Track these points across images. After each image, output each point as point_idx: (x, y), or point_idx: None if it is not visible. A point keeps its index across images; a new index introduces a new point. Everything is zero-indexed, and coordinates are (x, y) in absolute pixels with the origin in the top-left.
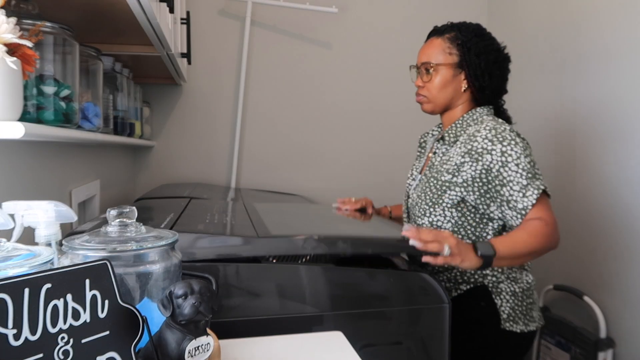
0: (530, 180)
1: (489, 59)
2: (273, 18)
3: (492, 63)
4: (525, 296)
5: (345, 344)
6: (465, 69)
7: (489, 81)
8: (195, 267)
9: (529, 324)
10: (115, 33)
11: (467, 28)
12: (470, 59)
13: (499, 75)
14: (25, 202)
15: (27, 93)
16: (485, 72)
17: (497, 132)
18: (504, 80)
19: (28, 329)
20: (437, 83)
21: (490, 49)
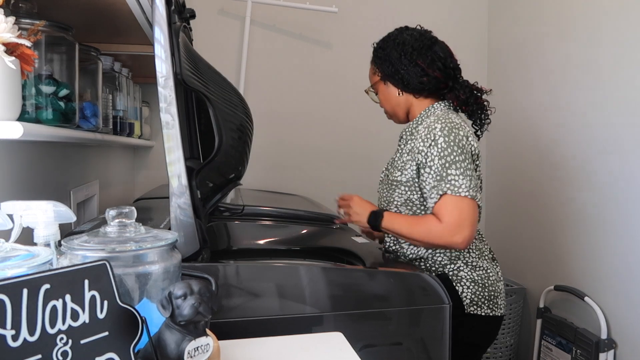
0: (437, 182)
1: (397, 59)
2: (273, 18)
3: (401, 61)
4: (487, 284)
5: (345, 344)
6: (387, 78)
7: (408, 76)
8: (195, 267)
9: (494, 309)
10: (115, 33)
11: (380, 43)
12: (384, 69)
13: (414, 67)
14: (24, 202)
15: (26, 93)
16: (401, 72)
17: (429, 131)
18: (424, 67)
19: (26, 330)
20: (382, 99)
21: (396, 47)
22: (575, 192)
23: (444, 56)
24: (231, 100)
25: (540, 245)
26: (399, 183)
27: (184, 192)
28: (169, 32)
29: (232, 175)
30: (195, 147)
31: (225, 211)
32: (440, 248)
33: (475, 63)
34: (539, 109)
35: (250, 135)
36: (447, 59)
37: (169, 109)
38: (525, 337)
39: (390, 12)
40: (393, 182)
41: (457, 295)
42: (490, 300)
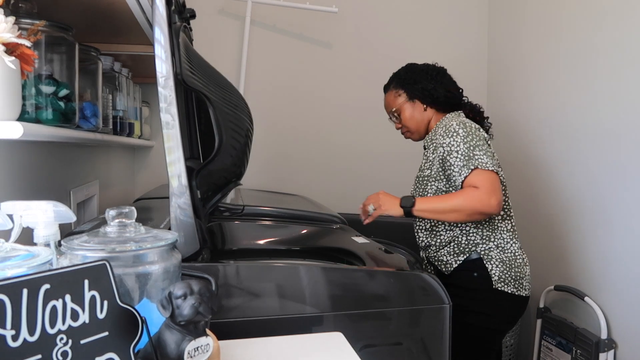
0: (466, 162)
1: (425, 79)
2: (273, 18)
3: (429, 81)
4: (514, 265)
5: (345, 344)
6: (415, 96)
7: (436, 93)
8: (195, 267)
9: (520, 290)
10: (115, 32)
11: (400, 72)
12: (412, 88)
13: (440, 84)
14: (24, 202)
15: (26, 93)
16: (428, 89)
17: (447, 129)
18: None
19: (26, 330)
20: (407, 118)
21: (422, 73)
22: (575, 193)
23: (454, 81)
24: (231, 100)
25: (540, 245)
26: (429, 177)
27: (184, 192)
28: (169, 32)
29: (232, 175)
30: (195, 147)
31: (225, 211)
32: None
33: (476, 63)
34: (538, 110)
35: (250, 135)
36: (456, 83)
37: (169, 109)
38: (525, 337)
39: (390, 12)
40: (424, 178)
41: (487, 272)
42: (517, 280)
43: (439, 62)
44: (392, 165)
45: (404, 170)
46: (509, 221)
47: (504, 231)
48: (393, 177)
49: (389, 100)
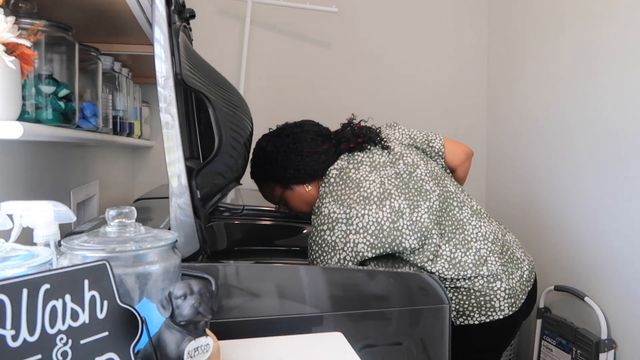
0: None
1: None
2: (273, 18)
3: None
4: (474, 287)
5: (345, 344)
6: (291, 183)
7: (308, 166)
8: (195, 267)
9: (492, 314)
10: (115, 32)
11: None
12: (281, 179)
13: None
14: (24, 202)
15: (26, 93)
16: (298, 167)
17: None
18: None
19: (26, 330)
20: (296, 205)
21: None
22: (576, 192)
23: (317, 128)
24: (231, 100)
25: (540, 245)
26: None
27: (184, 192)
28: (169, 32)
29: (232, 175)
30: (195, 147)
31: (225, 211)
32: None
33: (476, 63)
34: (538, 110)
35: (250, 135)
36: (319, 127)
37: (169, 109)
38: (525, 337)
39: (390, 13)
40: None
41: None
42: (482, 306)
43: (439, 61)
44: None
45: None
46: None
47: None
48: None
49: (266, 193)
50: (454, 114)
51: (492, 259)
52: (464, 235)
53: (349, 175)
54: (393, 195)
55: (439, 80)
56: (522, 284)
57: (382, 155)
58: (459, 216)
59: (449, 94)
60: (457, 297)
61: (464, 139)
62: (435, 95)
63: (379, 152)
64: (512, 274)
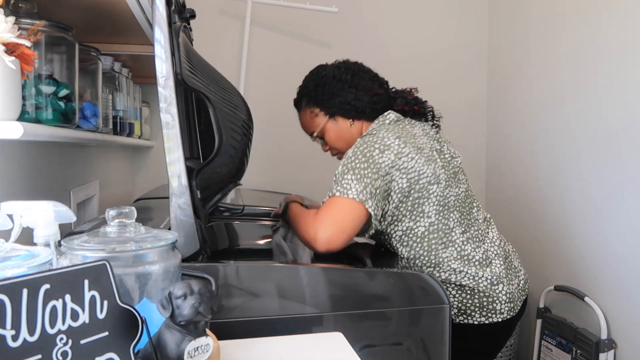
0: (333, 186)
1: (342, 89)
2: (273, 18)
3: (347, 90)
4: (477, 289)
5: (345, 344)
6: (336, 114)
7: (359, 102)
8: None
9: (492, 316)
10: (115, 32)
11: (307, 86)
12: (330, 105)
13: (361, 89)
14: (24, 202)
15: (26, 93)
16: (349, 100)
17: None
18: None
19: (26, 330)
20: (332, 139)
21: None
22: (576, 192)
23: (375, 73)
24: (231, 100)
25: (540, 245)
26: None
27: (184, 192)
28: (169, 32)
29: (232, 175)
30: (195, 147)
31: (225, 211)
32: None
33: (476, 63)
34: (539, 109)
35: (250, 135)
36: (377, 75)
37: (169, 109)
38: (525, 337)
39: (390, 13)
40: None
41: None
42: (484, 307)
43: (439, 61)
44: None
45: None
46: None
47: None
48: None
49: (305, 121)
50: (454, 113)
51: (497, 262)
52: (478, 232)
53: (404, 126)
54: (437, 164)
55: (439, 80)
56: (519, 292)
57: (431, 130)
58: (476, 216)
59: (449, 93)
60: (461, 296)
61: (464, 138)
62: (435, 95)
63: (429, 128)
64: (512, 280)
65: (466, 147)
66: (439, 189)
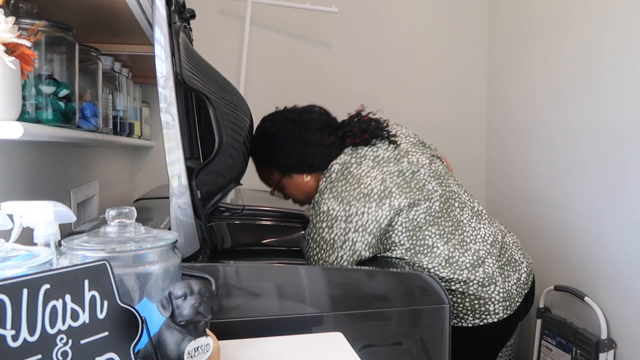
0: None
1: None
2: (273, 18)
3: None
4: (467, 292)
5: (345, 344)
6: (289, 171)
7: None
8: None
9: (486, 318)
10: (115, 32)
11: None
12: (281, 165)
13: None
14: (24, 202)
15: (26, 93)
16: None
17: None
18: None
19: (26, 330)
20: (293, 193)
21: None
22: (576, 193)
23: (325, 118)
24: (231, 100)
25: (540, 245)
26: None
27: (184, 192)
28: (169, 32)
29: (232, 175)
30: (195, 147)
31: (225, 211)
32: None
33: (475, 64)
34: (539, 110)
35: (250, 135)
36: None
37: (169, 109)
38: (525, 337)
39: (391, 13)
40: None
41: None
42: (476, 309)
43: (438, 62)
44: None
45: None
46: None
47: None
48: None
49: (262, 177)
50: (454, 113)
51: (489, 261)
52: (463, 236)
53: (350, 170)
54: (393, 194)
55: (439, 80)
56: (519, 287)
57: (387, 150)
58: (460, 217)
59: (449, 93)
60: (452, 300)
61: (464, 140)
62: (435, 94)
63: (385, 147)
64: (509, 277)
65: (466, 148)
66: (401, 218)
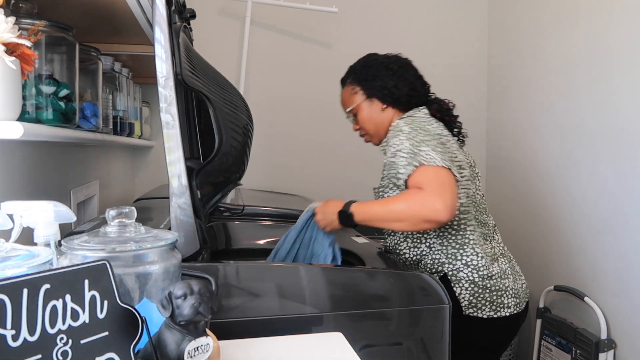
0: (410, 159)
1: (385, 75)
2: (273, 18)
3: (389, 76)
4: (488, 284)
5: (345, 344)
6: (373, 95)
7: (397, 90)
8: (195, 267)
9: (500, 310)
10: (115, 32)
11: (356, 65)
12: (370, 86)
13: (402, 80)
14: (24, 202)
15: (26, 93)
16: (389, 86)
17: (393, 128)
18: (412, 80)
19: (26, 330)
20: (364, 119)
21: (381, 66)
22: (575, 192)
23: (421, 75)
24: (231, 100)
25: (540, 245)
26: (383, 188)
27: (184, 192)
28: (169, 32)
29: (232, 175)
30: (195, 147)
31: (225, 211)
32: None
33: (475, 64)
34: (539, 111)
35: (250, 135)
36: (422, 77)
37: (169, 109)
38: (525, 337)
39: (390, 13)
40: (379, 190)
41: (455, 296)
42: (493, 301)
43: (439, 61)
44: None
45: None
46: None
47: (476, 245)
48: None
49: (344, 97)
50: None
51: (502, 260)
52: (488, 232)
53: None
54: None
55: (438, 79)
56: (524, 292)
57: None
58: (486, 219)
59: (449, 93)
60: (473, 289)
61: None
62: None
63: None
64: (517, 279)
65: (466, 147)
66: (466, 177)
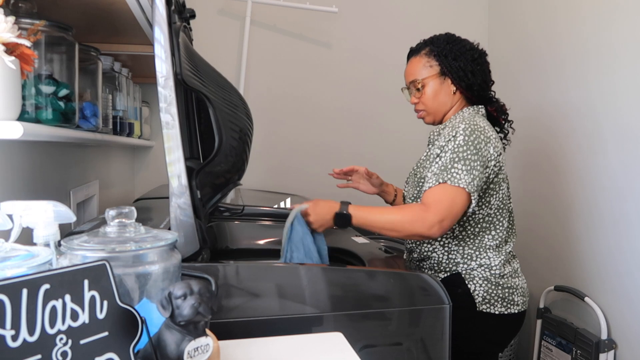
0: (441, 172)
1: (466, 59)
2: (273, 18)
3: (470, 61)
4: (501, 282)
5: (345, 344)
6: (449, 74)
7: (473, 78)
8: (195, 268)
9: (510, 307)
10: (115, 32)
11: (439, 39)
12: (450, 64)
13: (479, 70)
14: (24, 202)
15: (26, 93)
16: (467, 71)
17: (452, 129)
18: (486, 73)
19: (26, 330)
20: (429, 95)
21: (465, 49)
22: (576, 193)
23: (490, 70)
24: (231, 100)
25: (540, 245)
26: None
27: (184, 192)
28: (169, 32)
29: (232, 175)
30: (195, 147)
31: (225, 211)
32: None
33: None
34: (539, 110)
35: (250, 135)
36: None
37: (169, 109)
38: (525, 338)
39: (390, 13)
40: (421, 178)
41: (470, 292)
42: (505, 298)
43: None
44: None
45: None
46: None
47: (493, 249)
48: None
49: (414, 67)
50: None
51: (514, 261)
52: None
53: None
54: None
55: None
56: (527, 290)
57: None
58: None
59: None
60: (487, 286)
61: None
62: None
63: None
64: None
65: None
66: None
